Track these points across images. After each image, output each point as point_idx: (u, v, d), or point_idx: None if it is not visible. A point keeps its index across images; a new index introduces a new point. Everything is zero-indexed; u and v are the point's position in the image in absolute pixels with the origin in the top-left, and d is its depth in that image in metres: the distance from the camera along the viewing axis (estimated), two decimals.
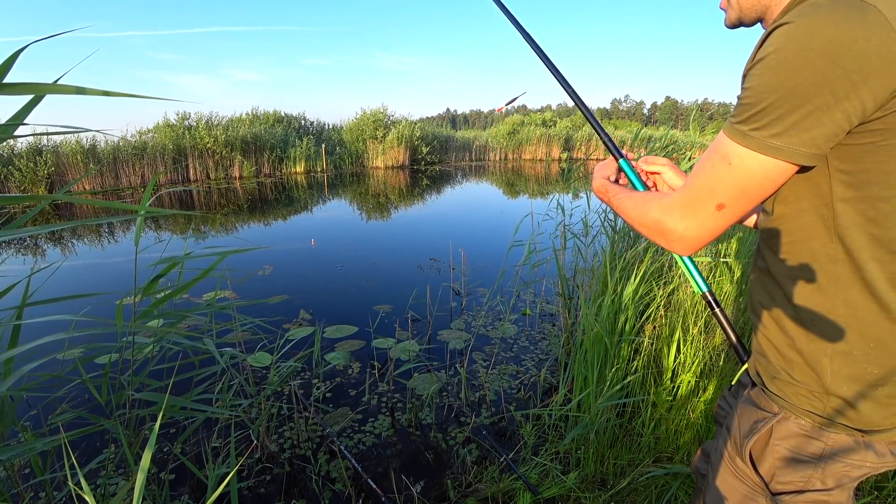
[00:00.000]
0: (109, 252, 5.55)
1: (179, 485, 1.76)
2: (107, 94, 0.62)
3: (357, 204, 9.11)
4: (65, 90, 0.64)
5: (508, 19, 1.06)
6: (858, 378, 0.62)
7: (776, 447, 0.69)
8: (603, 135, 0.95)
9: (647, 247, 2.25)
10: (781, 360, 0.69)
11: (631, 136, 23.04)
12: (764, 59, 0.54)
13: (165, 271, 1.34)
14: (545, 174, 14.82)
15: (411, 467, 1.85)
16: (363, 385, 2.44)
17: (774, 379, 0.70)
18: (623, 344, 1.85)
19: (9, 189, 9.25)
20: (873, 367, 0.61)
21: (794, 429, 0.67)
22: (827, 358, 0.63)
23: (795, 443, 0.68)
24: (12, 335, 1.04)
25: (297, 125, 16.21)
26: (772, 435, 0.70)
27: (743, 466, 0.74)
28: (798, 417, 0.67)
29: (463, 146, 19.76)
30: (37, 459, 1.23)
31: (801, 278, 0.64)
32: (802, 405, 0.67)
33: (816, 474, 0.67)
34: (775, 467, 0.69)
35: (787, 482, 0.69)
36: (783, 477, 0.69)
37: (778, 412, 0.69)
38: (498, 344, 2.91)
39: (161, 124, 12.17)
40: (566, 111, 68.26)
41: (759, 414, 0.72)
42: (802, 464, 0.68)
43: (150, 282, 1.33)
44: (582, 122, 26.55)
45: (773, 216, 0.67)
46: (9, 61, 0.67)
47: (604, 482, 1.66)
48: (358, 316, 3.33)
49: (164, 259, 1.35)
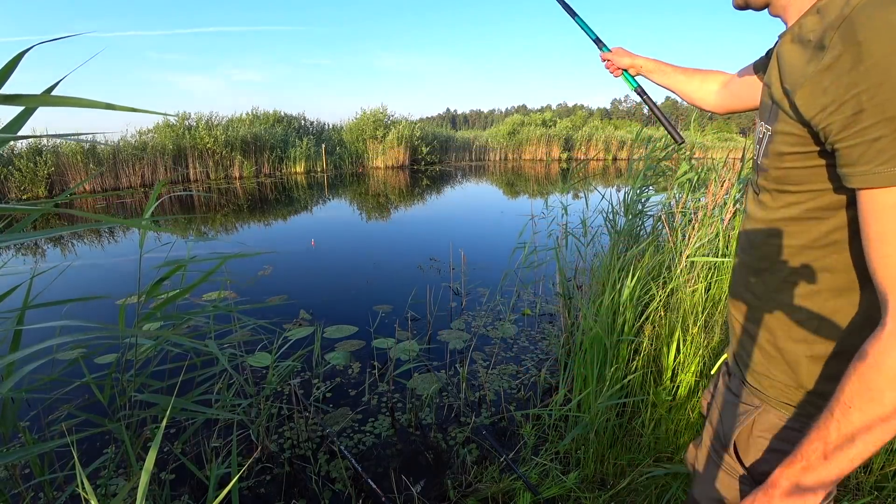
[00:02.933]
0: (110, 252, 5.55)
1: (179, 485, 1.76)
2: (110, 107, 0.61)
3: (357, 204, 9.11)
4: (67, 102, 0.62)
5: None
6: (833, 378, 0.62)
7: (759, 439, 0.70)
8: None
9: (647, 246, 2.25)
10: (760, 355, 0.70)
11: (631, 137, 23.08)
12: (874, 69, 0.45)
13: (168, 275, 1.34)
14: (545, 174, 14.82)
15: (411, 467, 1.86)
16: (363, 385, 2.44)
17: (752, 372, 0.71)
18: (622, 344, 1.85)
19: (9, 189, 9.23)
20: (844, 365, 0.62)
21: (775, 420, 0.68)
22: (806, 359, 0.64)
23: (777, 434, 0.68)
24: (14, 338, 1.04)
25: (296, 125, 16.21)
26: (754, 426, 0.70)
27: (728, 458, 0.74)
28: (778, 409, 0.68)
29: (463, 146, 19.77)
30: (36, 460, 1.23)
31: (795, 283, 0.63)
32: (779, 398, 0.68)
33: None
34: (759, 459, 0.70)
35: (770, 472, 0.70)
36: (768, 467, 0.70)
37: (759, 405, 0.70)
38: (498, 344, 2.92)
39: (161, 124, 12.16)
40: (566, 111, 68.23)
41: (742, 406, 0.73)
42: (784, 454, 0.68)
43: (153, 284, 1.33)
44: (582, 122, 26.53)
45: (774, 213, 0.65)
46: (10, 65, 0.66)
47: (604, 482, 1.66)
48: (358, 316, 3.33)
49: (167, 262, 1.35)
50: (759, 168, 0.67)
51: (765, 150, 0.65)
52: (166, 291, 1.39)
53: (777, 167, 0.62)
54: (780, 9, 0.65)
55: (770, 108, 0.64)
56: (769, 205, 0.66)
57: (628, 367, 1.88)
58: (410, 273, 4.42)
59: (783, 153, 0.60)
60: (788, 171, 0.61)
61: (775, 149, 0.61)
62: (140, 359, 1.39)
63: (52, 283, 1.71)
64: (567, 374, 2.16)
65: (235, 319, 2.06)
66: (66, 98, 0.61)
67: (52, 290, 3.78)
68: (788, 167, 0.60)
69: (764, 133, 0.65)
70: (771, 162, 0.63)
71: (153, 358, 1.55)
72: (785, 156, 0.60)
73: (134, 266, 4.74)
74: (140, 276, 1.32)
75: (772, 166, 0.63)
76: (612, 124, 30.43)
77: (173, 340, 1.34)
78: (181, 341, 1.14)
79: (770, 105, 0.64)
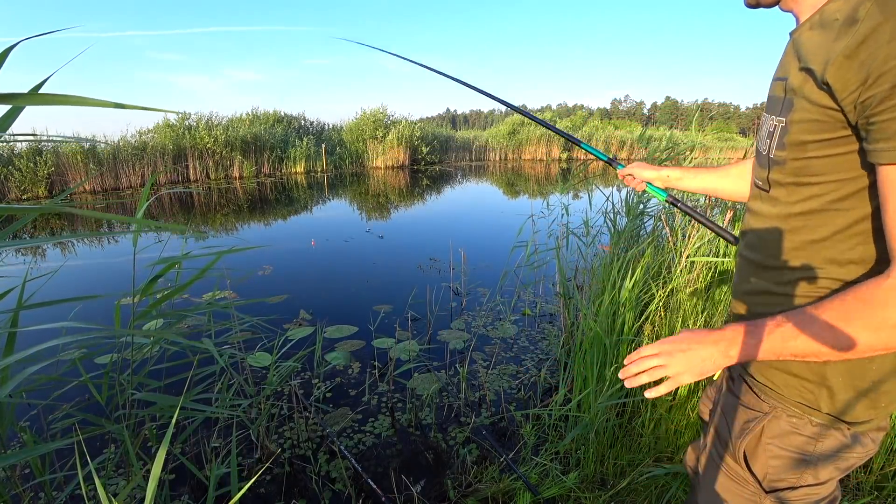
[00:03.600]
0: (109, 252, 5.55)
1: (179, 485, 1.76)
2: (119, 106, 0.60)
3: (357, 204, 9.11)
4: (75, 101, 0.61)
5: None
6: (855, 373, 0.62)
7: (768, 446, 0.69)
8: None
9: (647, 246, 2.25)
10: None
11: (631, 137, 23.10)
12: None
13: (163, 272, 1.33)
14: (545, 174, 14.82)
15: (411, 467, 1.85)
16: (363, 385, 2.44)
17: (767, 367, 0.69)
18: (622, 344, 1.85)
19: (9, 189, 9.23)
20: (872, 363, 0.61)
21: (786, 427, 0.68)
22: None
23: (787, 441, 0.68)
24: (8, 340, 1.04)
25: (296, 125, 16.21)
26: (763, 434, 0.70)
27: (735, 466, 0.73)
28: (790, 416, 0.67)
29: (463, 146, 19.77)
30: (36, 461, 1.23)
31: (815, 277, 0.62)
32: (793, 396, 0.66)
33: (809, 469, 0.67)
34: (769, 465, 0.70)
35: (781, 479, 0.69)
36: (777, 475, 0.69)
37: (768, 411, 0.69)
38: (498, 344, 2.91)
39: (161, 124, 12.17)
40: (566, 111, 68.28)
41: (749, 413, 0.72)
42: (795, 460, 0.68)
43: (147, 283, 1.33)
44: (582, 122, 26.55)
45: (790, 208, 0.63)
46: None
47: (604, 482, 1.66)
48: (358, 316, 3.33)
49: (162, 259, 1.34)
50: (773, 162, 0.65)
51: (779, 142, 0.62)
52: (162, 289, 1.38)
53: (797, 158, 0.60)
54: (791, 2, 0.64)
55: (783, 100, 0.62)
56: (783, 200, 0.64)
57: None
58: (410, 273, 4.42)
59: (805, 142, 0.58)
60: (810, 162, 0.59)
61: (795, 138, 0.59)
62: (136, 359, 1.38)
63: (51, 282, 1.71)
64: (567, 374, 2.16)
65: (235, 319, 2.06)
66: (74, 97, 0.61)
67: (52, 289, 3.78)
68: (811, 157, 0.58)
69: (776, 126, 0.63)
70: (789, 153, 0.61)
71: (151, 357, 1.55)
72: (807, 144, 0.58)
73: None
74: (134, 275, 1.31)
75: (790, 157, 0.61)
76: (612, 124, 30.43)
77: (170, 339, 1.34)
78: (177, 339, 1.14)
79: (783, 98, 0.62)
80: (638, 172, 1.11)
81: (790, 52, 0.63)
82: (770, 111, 0.67)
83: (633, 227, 2.63)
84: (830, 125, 0.55)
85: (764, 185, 0.68)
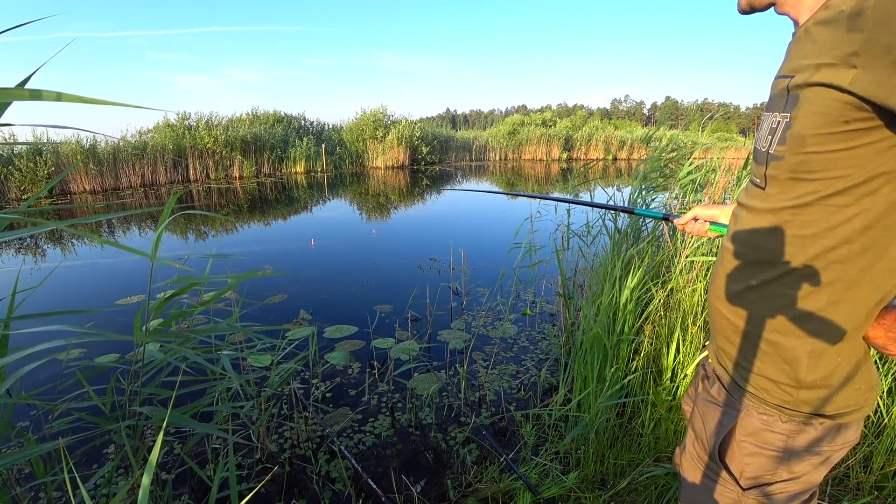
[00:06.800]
0: (109, 252, 5.55)
1: (180, 485, 1.76)
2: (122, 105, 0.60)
3: (357, 204, 9.11)
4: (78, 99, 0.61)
5: None
6: (830, 371, 0.63)
7: (742, 443, 0.70)
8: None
9: (647, 246, 2.25)
10: (751, 352, 0.68)
11: (631, 137, 23.07)
12: None
13: (182, 290, 1.33)
14: (545, 174, 14.82)
15: (411, 467, 1.85)
16: (363, 385, 2.44)
17: (742, 372, 0.70)
18: (622, 344, 1.85)
19: (9, 189, 9.23)
20: (845, 360, 0.62)
21: (758, 424, 0.68)
22: (806, 354, 0.63)
23: (761, 438, 0.68)
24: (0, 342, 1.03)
25: (296, 125, 16.21)
26: (737, 432, 0.70)
27: (712, 465, 0.74)
28: (760, 413, 0.68)
29: (463, 146, 19.78)
30: (38, 461, 1.23)
31: (802, 276, 0.62)
32: (772, 399, 0.67)
33: (783, 465, 0.68)
34: (744, 463, 0.70)
35: (755, 476, 0.70)
36: (753, 472, 0.70)
37: (740, 409, 0.70)
38: (498, 344, 2.91)
39: (161, 124, 12.18)
40: (566, 111, 68.24)
41: (723, 411, 0.73)
42: (769, 457, 0.69)
43: (162, 301, 1.32)
44: (582, 122, 26.53)
45: (783, 203, 0.63)
46: None
47: (604, 482, 1.66)
48: (358, 316, 3.33)
49: (179, 278, 1.34)
50: (771, 157, 0.64)
51: (781, 136, 0.62)
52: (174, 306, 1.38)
53: (796, 152, 0.60)
54: (789, 5, 0.64)
55: (786, 96, 0.62)
56: (777, 196, 0.64)
57: (628, 367, 1.88)
58: (410, 273, 4.42)
59: (805, 136, 0.58)
60: (809, 157, 0.59)
61: (796, 133, 0.59)
62: (147, 371, 1.38)
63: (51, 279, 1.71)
64: (567, 374, 2.16)
65: (235, 313, 2.06)
66: (77, 96, 0.61)
67: (52, 288, 3.78)
68: (810, 152, 0.58)
69: (778, 122, 0.63)
70: (789, 148, 0.61)
71: (162, 370, 1.54)
72: (808, 138, 0.58)
73: (134, 265, 4.74)
74: (148, 288, 1.31)
75: (789, 152, 0.61)
76: (612, 124, 30.43)
77: (185, 355, 1.34)
78: (193, 357, 1.14)
79: (786, 94, 0.62)
80: (702, 212, 1.04)
81: (795, 49, 0.62)
82: (772, 109, 0.67)
83: (633, 227, 2.63)
84: (835, 118, 0.55)
85: (760, 183, 0.68)
